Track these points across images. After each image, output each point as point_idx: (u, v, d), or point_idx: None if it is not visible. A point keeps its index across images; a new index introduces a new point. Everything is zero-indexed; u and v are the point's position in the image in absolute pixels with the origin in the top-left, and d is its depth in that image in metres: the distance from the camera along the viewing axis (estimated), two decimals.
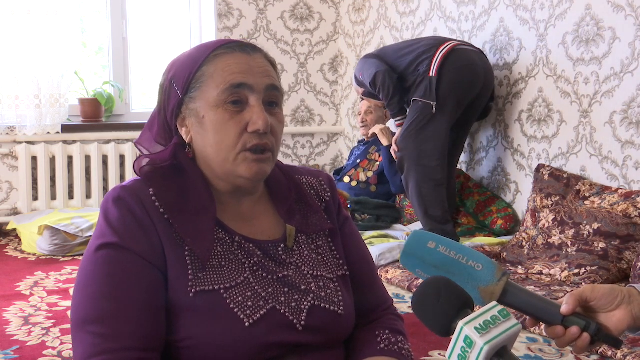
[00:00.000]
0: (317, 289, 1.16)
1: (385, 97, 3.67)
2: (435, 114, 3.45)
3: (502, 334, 0.86)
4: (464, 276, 1.01)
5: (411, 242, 1.06)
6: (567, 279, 2.85)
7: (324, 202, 1.27)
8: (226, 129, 1.11)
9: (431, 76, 3.47)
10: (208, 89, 1.11)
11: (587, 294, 1.02)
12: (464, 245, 1.05)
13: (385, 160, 4.00)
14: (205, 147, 1.13)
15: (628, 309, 1.02)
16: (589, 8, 3.21)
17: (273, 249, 1.17)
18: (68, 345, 2.34)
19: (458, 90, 3.47)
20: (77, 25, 4.25)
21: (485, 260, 1.02)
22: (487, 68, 3.58)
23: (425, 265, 1.04)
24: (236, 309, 1.07)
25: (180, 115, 1.16)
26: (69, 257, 3.62)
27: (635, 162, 3.04)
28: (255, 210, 1.20)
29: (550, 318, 1.01)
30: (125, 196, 1.10)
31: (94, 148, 4.24)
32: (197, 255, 1.09)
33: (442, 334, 0.92)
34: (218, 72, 1.11)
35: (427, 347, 2.28)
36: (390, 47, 3.83)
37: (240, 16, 4.73)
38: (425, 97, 3.47)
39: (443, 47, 3.51)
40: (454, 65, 3.45)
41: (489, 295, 1.00)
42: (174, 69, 1.16)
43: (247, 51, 1.14)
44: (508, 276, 1.02)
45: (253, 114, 1.11)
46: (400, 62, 3.64)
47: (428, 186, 3.49)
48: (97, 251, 1.07)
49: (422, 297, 0.94)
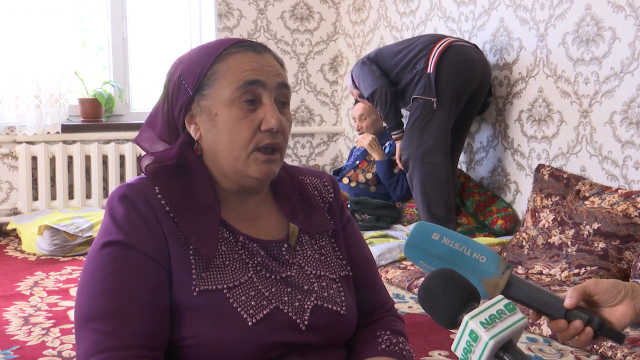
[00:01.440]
0: (319, 289, 1.17)
1: (382, 110, 3.72)
2: (435, 110, 3.47)
3: (508, 328, 0.86)
4: (468, 268, 1.01)
5: (415, 233, 1.05)
6: (567, 279, 2.85)
7: (327, 202, 1.28)
8: (240, 127, 1.11)
9: (429, 72, 3.48)
10: (221, 86, 1.11)
11: (590, 288, 1.02)
12: (468, 238, 1.04)
13: (381, 173, 4.00)
14: (216, 145, 1.13)
15: (631, 303, 1.02)
16: (589, 8, 3.21)
17: (276, 249, 1.17)
18: (68, 345, 2.34)
19: (457, 85, 3.48)
20: (77, 25, 4.25)
21: (489, 252, 1.02)
22: (484, 62, 3.60)
23: (429, 257, 1.03)
24: (239, 309, 1.08)
25: (189, 112, 1.15)
26: (69, 257, 3.62)
27: (635, 162, 3.04)
28: (260, 210, 1.20)
29: (553, 311, 1.01)
30: (131, 194, 1.10)
31: (94, 148, 4.24)
32: (201, 254, 1.09)
33: (447, 326, 0.92)
34: (231, 69, 1.11)
35: (427, 347, 2.28)
36: (386, 49, 3.84)
37: (240, 16, 4.73)
38: (425, 94, 3.48)
39: (439, 44, 3.53)
40: (452, 61, 3.47)
41: (493, 287, 1.00)
42: (182, 66, 1.16)
43: (259, 50, 1.15)
44: (512, 269, 1.02)
45: (266, 112, 1.11)
46: (397, 64, 3.66)
47: (432, 184, 3.50)
48: (102, 249, 1.07)
49: (429, 289, 0.93)
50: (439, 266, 1.02)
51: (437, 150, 3.49)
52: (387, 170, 3.96)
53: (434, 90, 3.45)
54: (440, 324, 0.93)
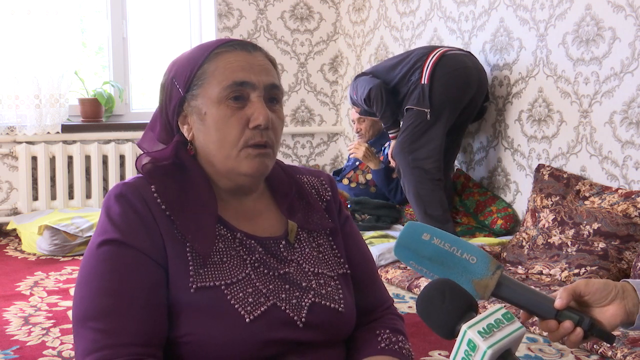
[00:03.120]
0: (317, 286, 1.17)
1: (378, 110, 3.71)
2: (429, 120, 3.47)
3: (506, 337, 0.86)
4: (458, 269, 1.00)
5: (405, 234, 1.04)
6: (567, 279, 2.85)
7: (325, 201, 1.28)
8: (228, 125, 1.12)
9: (423, 83, 3.48)
10: (210, 86, 1.12)
11: (581, 289, 1.02)
12: (458, 238, 1.03)
13: (379, 182, 4.00)
14: (207, 144, 1.14)
15: (622, 304, 1.02)
16: (589, 8, 3.21)
17: (274, 246, 1.17)
18: (68, 345, 2.34)
19: (452, 94, 3.48)
20: (77, 25, 4.25)
21: (479, 253, 1.01)
22: (479, 69, 3.59)
23: (419, 258, 1.02)
24: (237, 305, 1.08)
25: (182, 113, 1.16)
26: (69, 257, 3.62)
27: (635, 162, 3.04)
28: (257, 208, 1.20)
29: (543, 312, 1.01)
30: (127, 193, 1.10)
31: (94, 148, 4.24)
32: (198, 251, 1.09)
33: (446, 336, 0.92)
34: (219, 69, 1.12)
35: (428, 346, 2.28)
36: (381, 65, 3.86)
37: (240, 16, 4.73)
38: (418, 104, 3.49)
39: (433, 54, 3.53)
40: (445, 70, 3.47)
41: (483, 288, 0.99)
42: (175, 68, 1.17)
43: (248, 49, 1.15)
44: (502, 269, 1.01)
45: (254, 110, 1.12)
46: (393, 78, 3.67)
47: (425, 187, 3.51)
48: (99, 247, 1.07)
49: (427, 299, 0.94)
50: (429, 267, 1.01)
51: (430, 157, 3.50)
52: (385, 178, 3.97)
53: (428, 101, 3.45)
54: (438, 334, 0.93)
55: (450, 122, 3.55)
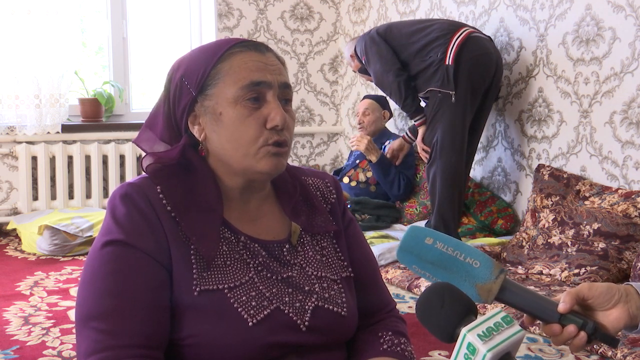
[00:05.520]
0: (320, 290, 1.16)
1: (398, 102, 3.63)
2: (454, 103, 3.38)
3: (505, 340, 0.86)
4: (461, 273, 1.00)
5: (408, 238, 1.02)
6: (567, 279, 2.85)
7: (330, 203, 1.28)
8: (245, 125, 1.11)
9: (447, 65, 3.38)
10: (225, 85, 1.11)
11: (584, 292, 1.02)
12: (461, 242, 1.03)
13: (377, 174, 3.99)
14: (222, 144, 1.13)
15: (625, 307, 1.01)
16: (589, 8, 3.21)
17: (278, 250, 1.17)
18: (68, 345, 2.34)
19: (475, 79, 3.40)
20: (77, 25, 4.25)
21: (482, 257, 1.00)
22: (498, 56, 3.52)
23: (422, 262, 1.01)
24: (240, 309, 1.07)
25: (192, 113, 1.15)
26: (69, 257, 3.62)
27: (635, 162, 3.04)
28: (262, 210, 1.20)
29: (547, 316, 1.00)
30: (133, 193, 1.10)
31: (94, 148, 4.24)
32: (202, 254, 1.09)
33: (445, 340, 0.92)
34: (234, 69, 1.12)
35: (428, 347, 2.28)
36: (398, 27, 3.70)
37: (240, 16, 4.73)
38: (443, 86, 3.39)
39: (458, 34, 3.42)
40: (471, 54, 3.37)
41: (487, 292, 0.99)
42: (183, 67, 1.15)
43: (262, 50, 1.15)
44: (505, 274, 1.00)
45: (271, 110, 1.11)
46: (409, 46, 3.55)
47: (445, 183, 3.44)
48: (103, 248, 1.07)
49: (426, 303, 0.93)
50: (432, 271, 1.01)
51: (454, 145, 3.41)
52: (383, 170, 3.95)
53: (452, 83, 3.36)
54: (438, 337, 0.92)
55: (471, 108, 3.45)
